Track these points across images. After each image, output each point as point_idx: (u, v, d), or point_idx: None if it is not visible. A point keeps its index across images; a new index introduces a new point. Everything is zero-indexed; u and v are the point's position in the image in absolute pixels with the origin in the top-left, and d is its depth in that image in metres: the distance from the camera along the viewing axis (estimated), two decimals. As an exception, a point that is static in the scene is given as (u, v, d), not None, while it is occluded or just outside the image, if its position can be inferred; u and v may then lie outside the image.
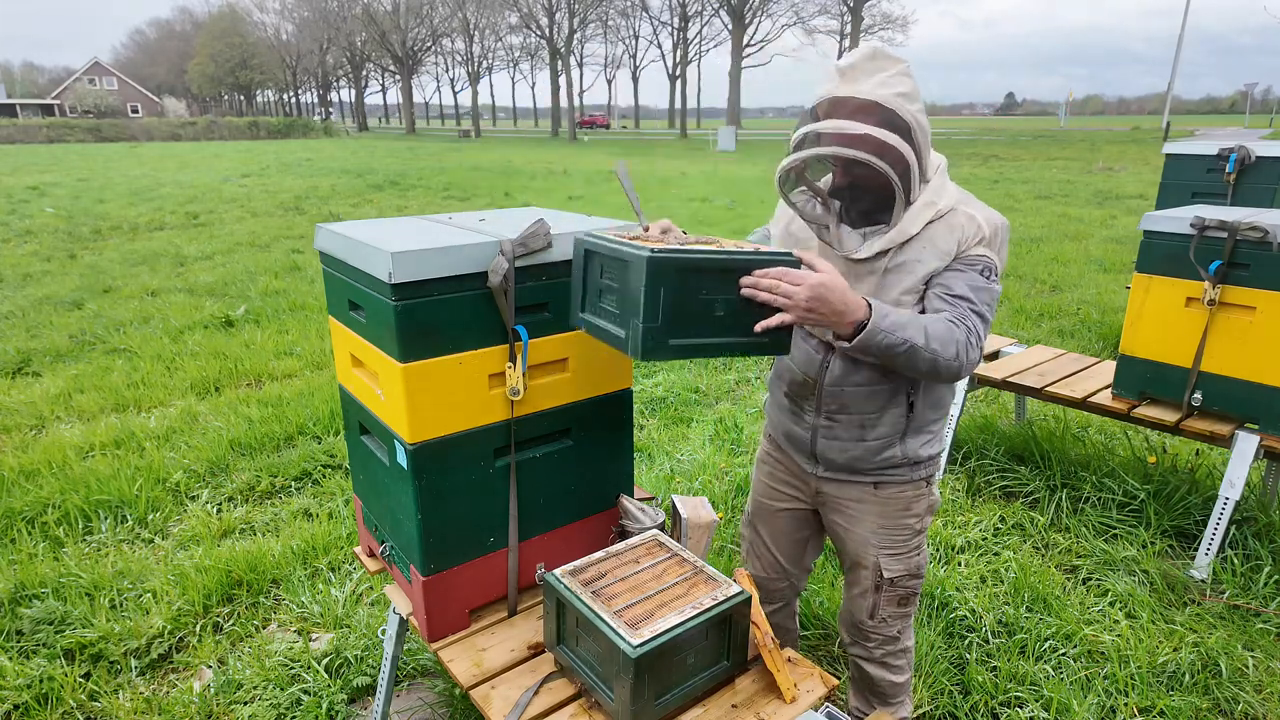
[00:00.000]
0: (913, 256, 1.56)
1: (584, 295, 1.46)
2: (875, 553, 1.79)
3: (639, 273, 1.22)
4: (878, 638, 1.89)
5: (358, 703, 2.37)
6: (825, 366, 1.70)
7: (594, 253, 1.41)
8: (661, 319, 1.25)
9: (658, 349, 1.26)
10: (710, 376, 5.19)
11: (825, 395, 1.71)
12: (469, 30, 65.85)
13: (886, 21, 52.32)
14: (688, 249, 1.28)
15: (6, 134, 41.13)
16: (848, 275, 1.60)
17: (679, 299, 1.26)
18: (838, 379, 1.68)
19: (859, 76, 1.45)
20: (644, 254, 1.22)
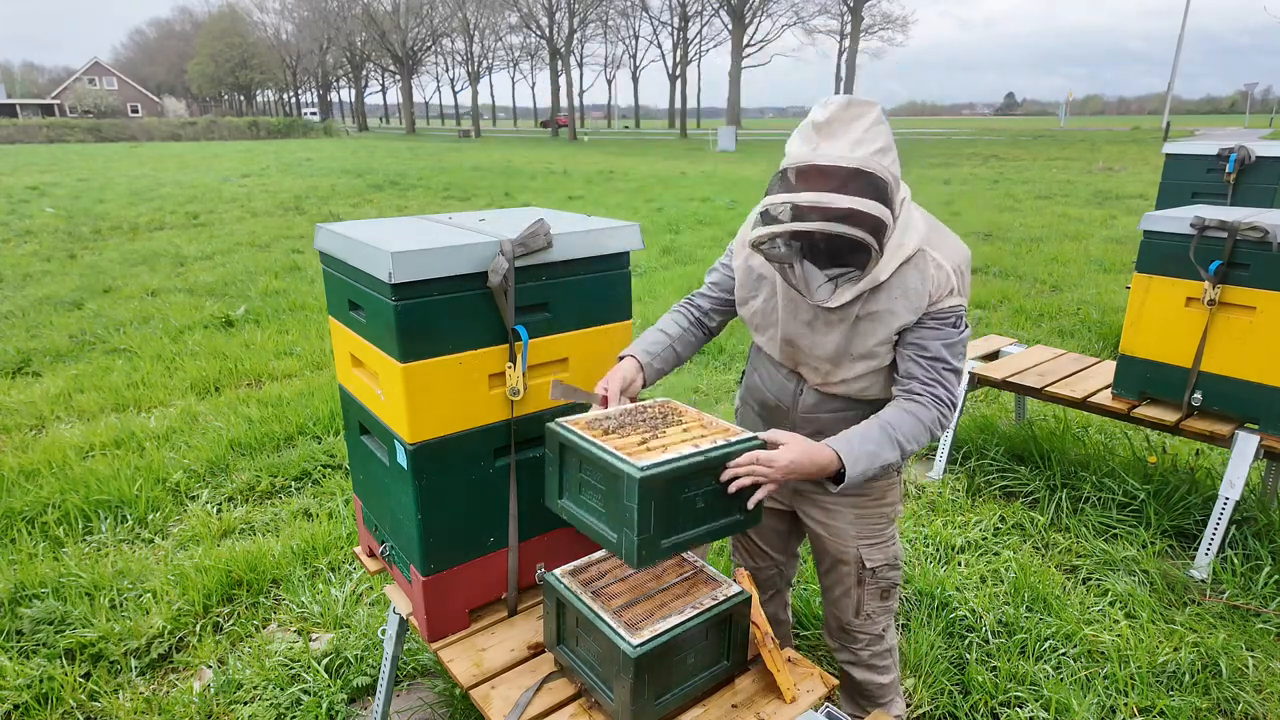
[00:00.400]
0: (884, 306, 1.55)
1: (560, 481, 1.48)
2: (855, 544, 1.80)
3: (631, 490, 1.27)
4: (865, 637, 1.91)
5: (358, 703, 2.37)
6: (798, 395, 1.73)
7: (569, 448, 1.44)
8: (653, 528, 1.31)
9: (651, 556, 1.33)
10: (710, 376, 5.19)
11: (799, 420, 1.74)
12: (469, 30, 65.84)
13: (886, 21, 52.33)
14: (672, 460, 1.32)
15: (6, 134, 41.12)
16: (814, 321, 1.62)
17: (666, 505, 1.32)
18: (811, 407, 1.72)
19: (836, 131, 1.39)
20: (635, 473, 1.26)
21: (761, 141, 41.87)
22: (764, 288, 1.71)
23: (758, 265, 1.70)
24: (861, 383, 1.65)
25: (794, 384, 1.74)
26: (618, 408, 1.57)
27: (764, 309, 1.71)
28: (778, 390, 1.77)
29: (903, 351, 1.59)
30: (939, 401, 1.55)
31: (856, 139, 1.39)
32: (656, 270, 8.40)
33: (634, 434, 1.44)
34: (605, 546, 1.37)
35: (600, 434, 1.43)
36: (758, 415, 1.87)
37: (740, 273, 1.75)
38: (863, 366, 1.62)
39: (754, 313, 1.74)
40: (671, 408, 1.60)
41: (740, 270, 1.74)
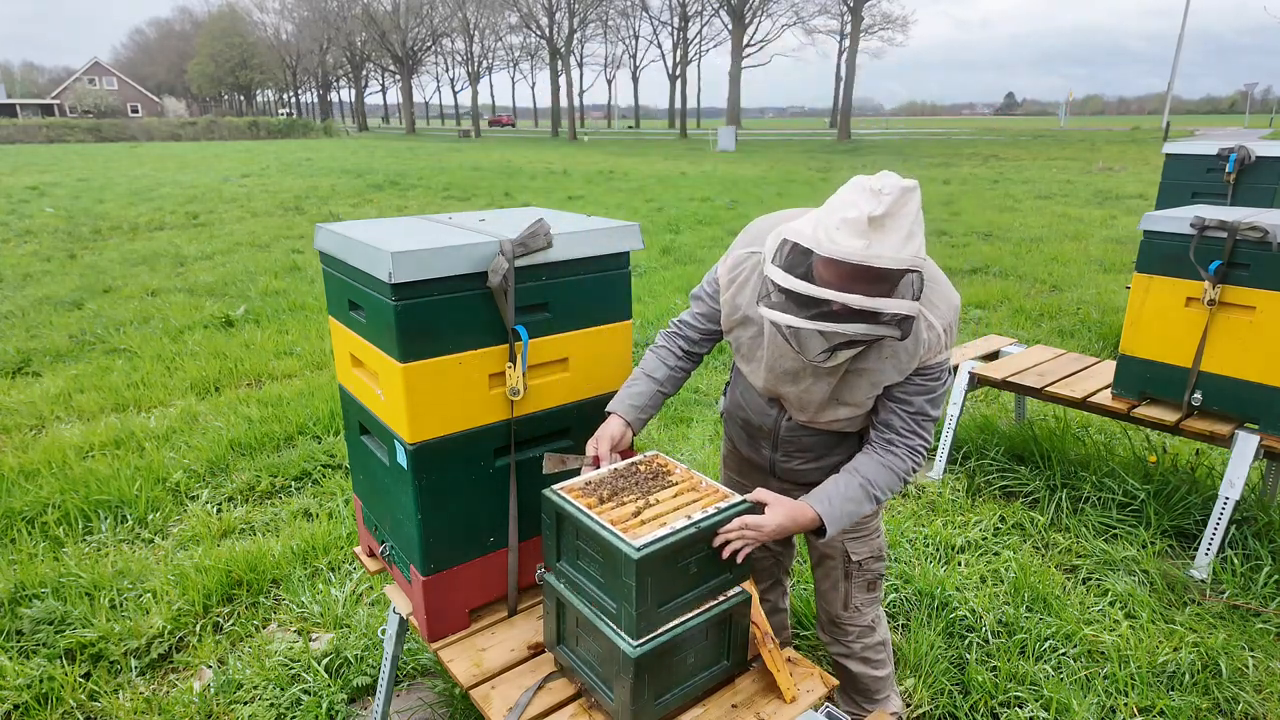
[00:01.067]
0: (874, 365, 1.56)
1: (558, 546, 1.50)
2: (840, 539, 1.86)
3: (629, 569, 1.30)
4: (854, 629, 1.95)
5: (358, 703, 2.37)
6: (780, 421, 1.76)
7: (565, 518, 1.46)
8: (650, 600, 1.34)
9: (650, 627, 1.36)
10: (710, 376, 5.19)
11: (781, 441, 1.78)
12: (469, 30, 65.84)
13: (886, 21, 52.31)
14: (667, 536, 1.34)
15: (6, 134, 41.13)
16: (801, 373, 1.61)
17: (662, 577, 1.36)
18: (792, 431, 1.75)
19: (888, 225, 1.30)
20: (633, 554, 1.29)
21: (761, 141, 41.88)
22: (750, 328, 1.69)
23: (744, 303, 1.66)
24: (842, 423, 1.69)
25: (776, 412, 1.76)
26: (608, 467, 1.60)
27: (750, 344, 1.70)
28: (759, 414, 1.79)
29: (884, 401, 1.61)
30: (914, 452, 1.61)
31: (908, 232, 1.32)
32: (656, 270, 8.40)
33: (628, 500, 1.47)
34: (603, 614, 1.40)
35: (594, 502, 1.46)
36: (741, 430, 1.89)
37: (726, 307, 1.71)
38: (846, 412, 1.64)
39: (740, 343, 1.73)
40: (660, 464, 1.63)
41: (726, 305, 1.71)
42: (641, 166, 23.61)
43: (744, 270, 1.65)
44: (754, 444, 1.86)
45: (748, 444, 1.88)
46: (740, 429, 1.89)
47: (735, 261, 1.67)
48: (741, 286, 1.65)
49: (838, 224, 1.32)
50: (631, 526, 1.37)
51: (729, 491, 1.50)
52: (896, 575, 2.85)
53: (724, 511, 1.44)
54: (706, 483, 1.55)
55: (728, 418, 1.96)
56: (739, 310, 1.67)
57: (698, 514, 1.41)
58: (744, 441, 1.89)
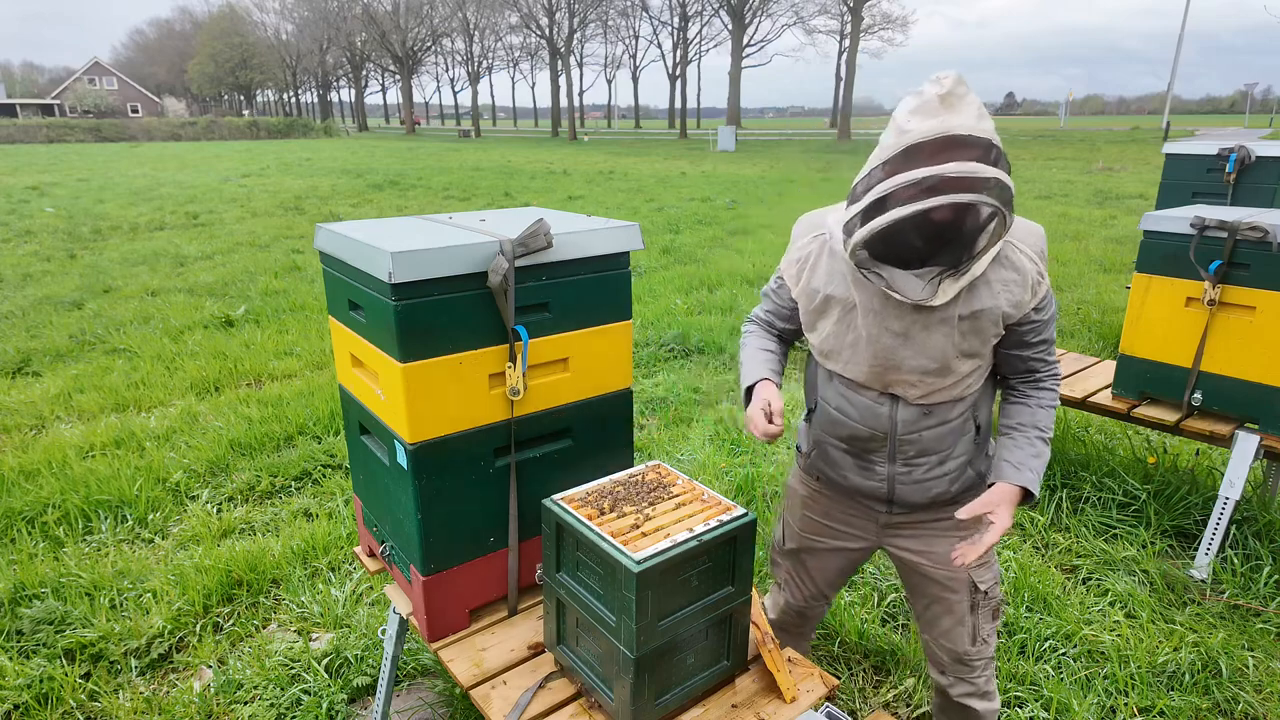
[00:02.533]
0: (987, 304, 1.47)
1: (558, 556, 1.50)
2: (966, 569, 1.69)
3: (629, 582, 1.30)
4: (981, 662, 1.77)
5: (358, 703, 2.37)
6: (894, 418, 1.57)
7: (566, 529, 1.46)
8: (650, 614, 1.33)
9: (650, 641, 1.35)
10: (710, 376, 5.19)
11: (899, 444, 1.59)
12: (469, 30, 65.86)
13: (886, 21, 52.33)
14: (668, 550, 1.34)
15: (6, 134, 41.12)
16: (911, 329, 1.48)
17: (662, 591, 1.35)
18: (910, 425, 1.57)
19: (957, 105, 1.28)
20: (633, 567, 1.29)
21: (761, 141, 41.86)
22: (833, 309, 1.55)
23: (821, 284, 1.55)
24: (966, 382, 1.55)
25: (888, 405, 1.57)
26: (609, 478, 1.59)
27: (838, 331, 1.56)
28: (869, 417, 1.59)
29: (1013, 343, 1.54)
30: (1057, 379, 1.60)
31: (978, 110, 1.30)
32: (656, 270, 8.40)
33: (629, 512, 1.46)
34: (602, 627, 1.40)
35: (595, 514, 1.45)
36: (845, 453, 1.67)
37: (802, 298, 1.60)
38: (969, 366, 1.52)
39: (825, 337, 1.59)
40: (662, 474, 1.61)
41: (802, 295, 1.60)
42: (641, 166, 23.61)
43: (810, 254, 1.58)
44: (865, 465, 1.65)
45: (857, 469, 1.66)
46: (844, 453, 1.67)
47: (799, 250, 1.61)
48: (814, 269, 1.57)
49: (908, 117, 1.29)
50: (632, 539, 1.37)
51: (731, 504, 1.48)
52: (896, 576, 2.85)
53: (726, 525, 1.42)
54: (709, 494, 1.54)
55: (819, 450, 1.73)
56: (818, 293, 1.56)
57: (699, 526, 1.40)
58: (852, 468, 1.67)
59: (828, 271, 1.55)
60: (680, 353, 5.64)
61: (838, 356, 1.59)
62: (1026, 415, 1.58)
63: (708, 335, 5.90)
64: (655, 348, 5.70)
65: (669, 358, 5.57)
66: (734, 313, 6.62)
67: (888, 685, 2.39)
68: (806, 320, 1.63)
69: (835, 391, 1.63)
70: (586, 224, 1.75)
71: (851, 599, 2.74)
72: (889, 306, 1.47)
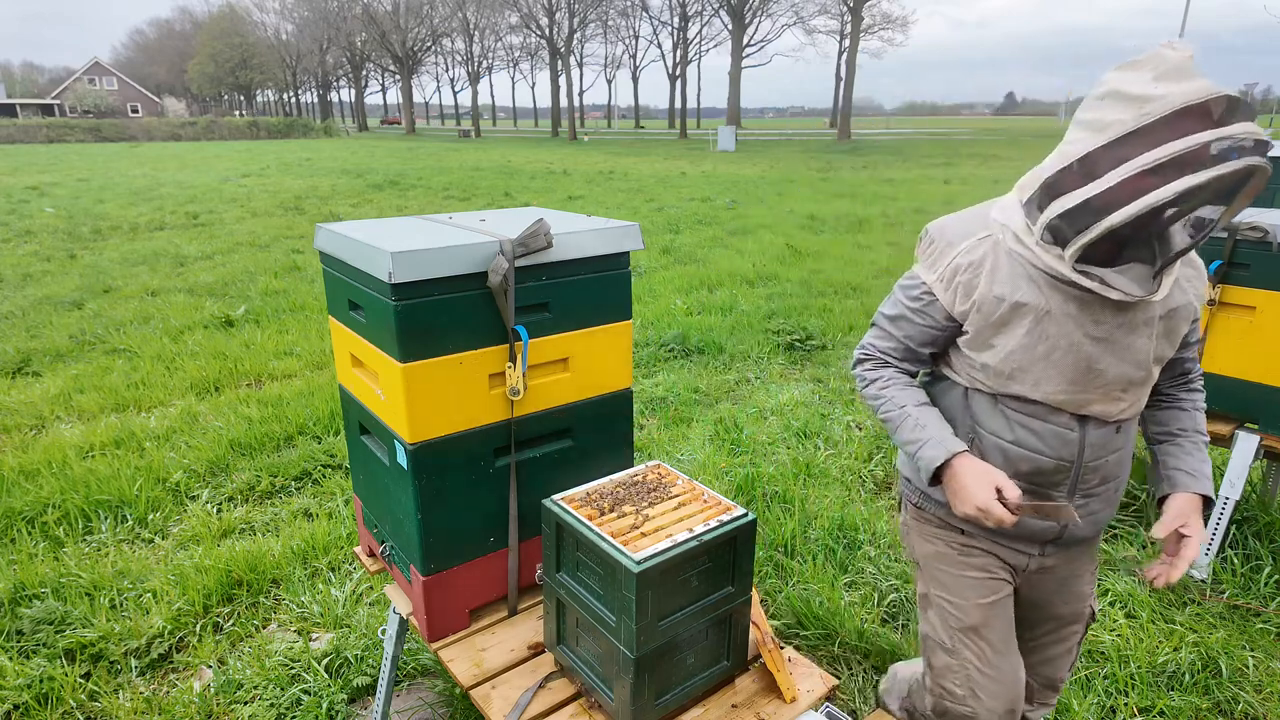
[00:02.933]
0: (1177, 302, 1.37)
1: (558, 556, 1.50)
2: (1089, 599, 1.64)
3: (629, 583, 1.29)
4: (1063, 685, 1.74)
5: (358, 703, 2.37)
6: (1084, 443, 1.40)
7: (566, 529, 1.45)
8: (650, 614, 1.33)
9: (650, 641, 1.35)
10: (710, 376, 5.19)
11: (1083, 473, 1.43)
12: (469, 30, 65.87)
13: (886, 21, 52.34)
14: (668, 550, 1.34)
15: (6, 134, 41.13)
16: (1115, 333, 1.33)
17: (662, 591, 1.35)
18: (1099, 449, 1.41)
19: (1196, 73, 1.14)
20: (633, 568, 1.29)
21: (761, 141, 41.86)
22: (1022, 318, 1.34)
23: (1006, 290, 1.33)
24: (1146, 394, 1.43)
25: (1078, 429, 1.40)
26: (609, 478, 1.59)
27: (1027, 344, 1.35)
28: (1057, 445, 1.40)
29: (1181, 342, 1.46)
30: (1201, 376, 1.53)
31: None
32: (656, 270, 8.40)
33: (629, 512, 1.46)
34: (602, 627, 1.40)
35: (595, 514, 1.45)
36: (1025, 492, 1.45)
37: (978, 310, 1.37)
38: (1157, 371, 1.41)
39: (1008, 354, 1.37)
40: (662, 474, 1.61)
41: (978, 307, 1.36)
42: (641, 166, 23.61)
43: (979, 258, 1.36)
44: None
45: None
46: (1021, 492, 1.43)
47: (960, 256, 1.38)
48: (992, 274, 1.35)
49: (1152, 84, 1.12)
50: (632, 539, 1.37)
51: (731, 504, 1.48)
52: (896, 575, 2.85)
53: (726, 525, 1.42)
54: (709, 494, 1.54)
55: None
56: (1002, 302, 1.34)
57: (699, 527, 1.41)
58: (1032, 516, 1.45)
59: (1010, 275, 1.34)
60: (680, 353, 5.64)
61: (1023, 375, 1.37)
62: (1188, 420, 1.50)
63: (708, 335, 5.90)
64: (655, 348, 5.70)
65: (669, 358, 5.58)
66: (734, 313, 6.62)
67: (888, 685, 2.39)
68: (978, 337, 1.40)
69: (1009, 420, 1.42)
70: (586, 224, 1.75)
71: (851, 599, 2.74)
72: (1086, 310, 1.31)
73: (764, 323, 6.33)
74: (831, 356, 5.58)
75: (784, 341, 5.81)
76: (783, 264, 8.63)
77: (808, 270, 8.28)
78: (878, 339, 1.54)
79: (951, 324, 1.43)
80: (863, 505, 3.40)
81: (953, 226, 1.43)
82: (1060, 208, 1.21)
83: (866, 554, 3.00)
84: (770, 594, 2.77)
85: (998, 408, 1.43)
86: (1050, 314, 1.32)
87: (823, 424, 4.30)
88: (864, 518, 3.23)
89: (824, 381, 5.07)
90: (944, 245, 1.41)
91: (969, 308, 1.38)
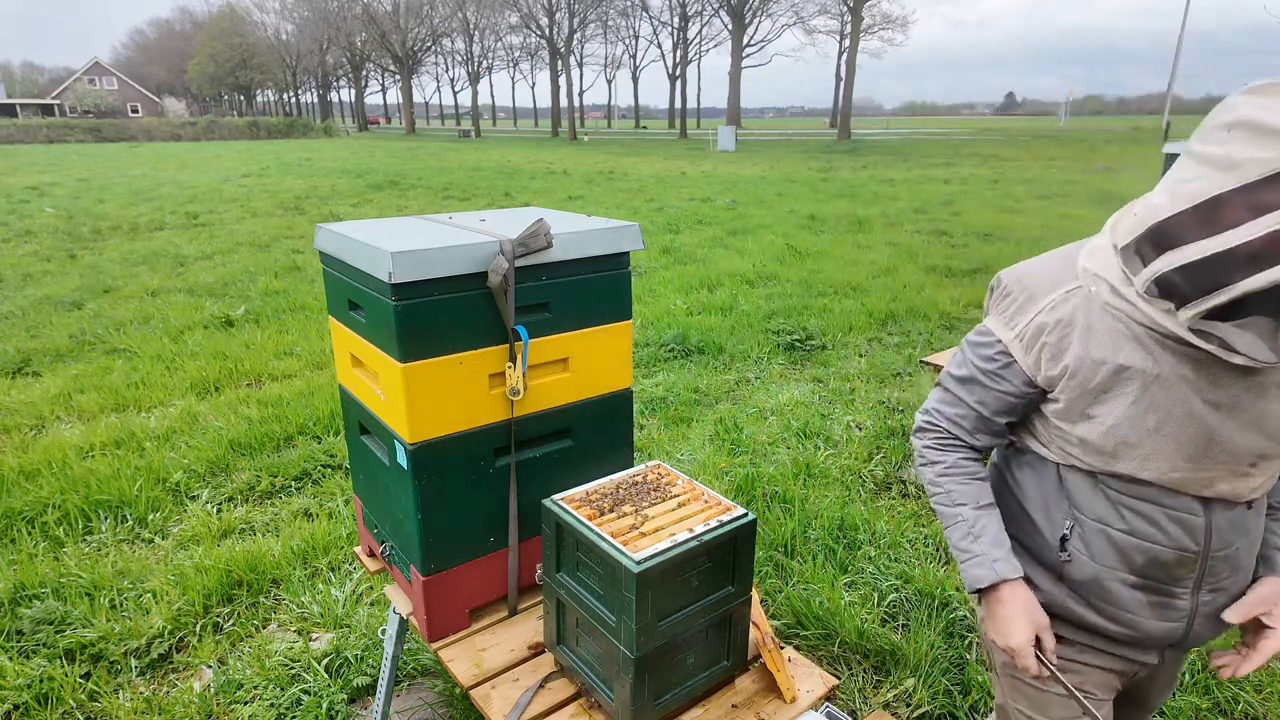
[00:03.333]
0: None
1: (558, 557, 1.50)
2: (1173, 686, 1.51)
3: (629, 583, 1.29)
4: None
5: (358, 703, 2.37)
6: (1210, 528, 1.19)
7: (566, 529, 1.46)
8: (650, 614, 1.33)
9: (650, 641, 1.35)
10: (710, 376, 5.19)
11: (1211, 564, 1.21)
12: (469, 30, 65.89)
13: (886, 21, 52.37)
14: (668, 550, 1.33)
15: (6, 134, 41.15)
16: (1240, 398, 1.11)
17: (662, 591, 1.35)
18: (1228, 534, 1.20)
19: None
20: (633, 568, 1.29)
21: (761, 141, 41.87)
22: (1127, 385, 1.13)
23: (1106, 353, 1.13)
24: None
25: (1202, 514, 1.18)
26: (609, 478, 1.59)
27: (1134, 415, 1.14)
28: (1177, 534, 1.18)
29: None
30: None
31: None
32: (656, 270, 8.40)
33: (629, 512, 1.47)
34: (602, 627, 1.40)
35: (595, 514, 1.45)
36: (1136, 589, 1.23)
37: (1079, 369, 1.16)
38: None
39: (1110, 427, 1.15)
40: (662, 474, 1.61)
41: (1078, 365, 1.15)
42: (641, 166, 23.61)
43: (1068, 315, 1.16)
44: (1164, 601, 1.23)
45: (1151, 608, 1.24)
46: (1134, 589, 1.23)
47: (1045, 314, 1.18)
48: (1087, 333, 1.15)
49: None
50: (632, 539, 1.37)
51: (731, 504, 1.48)
52: (896, 575, 2.85)
53: (726, 525, 1.42)
54: (709, 494, 1.54)
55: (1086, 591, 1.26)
56: (1102, 365, 1.14)
57: (699, 527, 1.41)
58: (1143, 607, 1.24)
59: (1108, 333, 1.14)
60: (680, 353, 5.64)
61: (1130, 452, 1.16)
62: None
63: (708, 335, 5.90)
64: (655, 348, 5.71)
65: (669, 358, 5.58)
66: (734, 313, 6.62)
67: (888, 685, 2.39)
68: (1072, 407, 1.19)
69: (1115, 504, 1.20)
70: (586, 224, 1.75)
71: (851, 599, 2.74)
72: (1203, 372, 1.10)
73: (764, 323, 6.33)
74: (831, 356, 5.58)
75: (784, 341, 5.81)
76: (783, 264, 8.64)
77: (808, 270, 8.28)
78: (944, 404, 1.33)
79: (1033, 391, 1.24)
80: (863, 505, 3.40)
81: (1034, 276, 1.22)
82: (1176, 261, 1.01)
83: (866, 554, 3.00)
84: (770, 594, 2.77)
85: (1099, 488, 1.21)
86: (1160, 379, 1.12)
87: (823, 424, 4.30)
88: (864, 518, 3.23)
89: (824, 381, 5.07)
90: (1024, 299, 1.21)
91: (1059, 374, 1.18)
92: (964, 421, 1.31)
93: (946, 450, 1.33)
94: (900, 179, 18.90)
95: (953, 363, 1.33)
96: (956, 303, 6.83)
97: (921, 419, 1.38)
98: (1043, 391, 1.23)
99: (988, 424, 1.30)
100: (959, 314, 6.59)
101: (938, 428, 1.34)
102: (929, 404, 1.37)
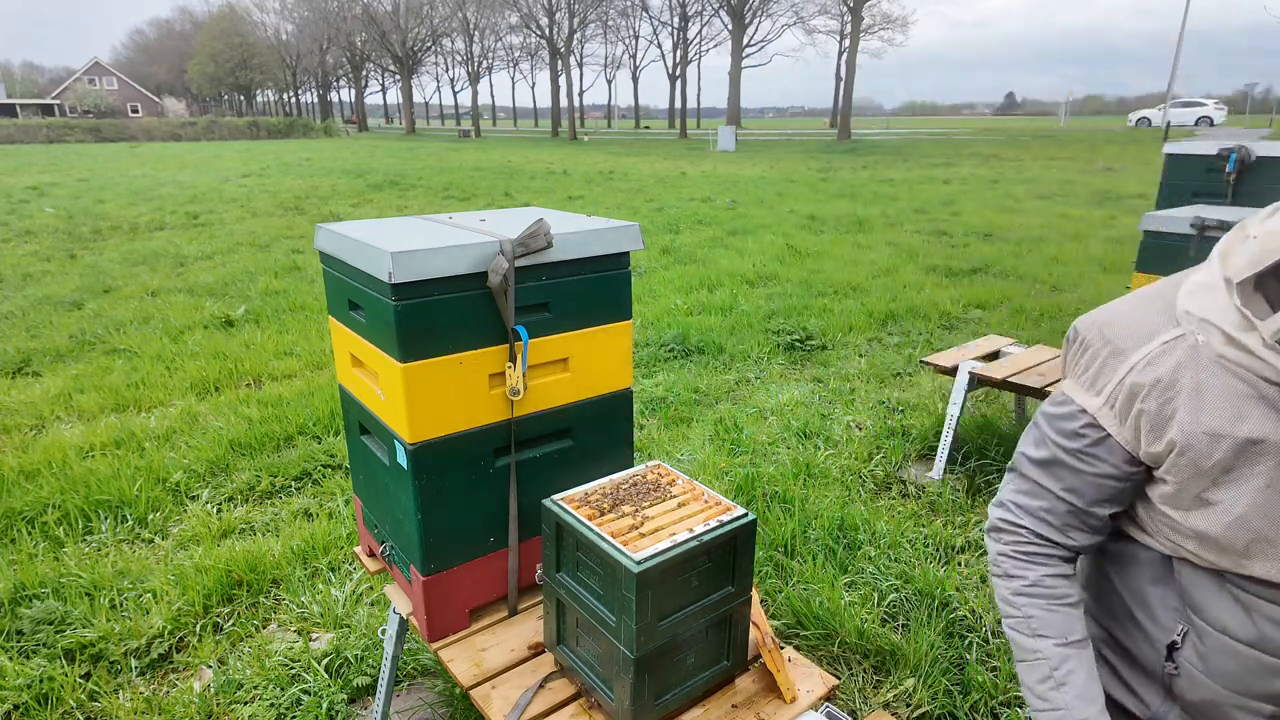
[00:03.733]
0: None
1: (558, 556, 1.50)
2: None
3: (629, 583, 1.29)
4: None
5: (358, 703, 2.37)
6: None
7: (565, 529, 1.46)
8: (650, 614, 1.33)
9: (650, 641, 1.35)
10: (710, 376, 5.19)
11: None
12: (469, 30, 65.88)
13: (886, 21, 52.34)
14: (668, 550, 1.34)
15: (6, 134, 41.13)
16: None
17: (662, 591, 1.35)
18: None
19: None
20: (633, 568, 1.29)
21: (761, 141, 41.86)
22: (1257, 462, 0.88)
23: (1225, 424, 0.89)
24: None
25: None
26: (609, 478, 1.59)
27: (1271, 502, 0.88)
28: None
29: None
30: None
31: None
32: (656, 270, 8.40)
33: (628, 512, 1.47)
34: (602, 627, 1.40)
35: (595, 514, 1.45)
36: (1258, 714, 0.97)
37: (1189, 445, 0.90)
38: None
39: (1238, 519, 0.90)
40: (662, 474, 1.61)
41: (1187, 439, 0.90)
42: (641, 166, 23.61)
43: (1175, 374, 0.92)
44: None
45: None
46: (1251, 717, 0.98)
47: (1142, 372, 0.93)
48: (1196, 399, 0.90)
49: None
50: (632, 539, 1.37)
51: (731, 504, 1.48)
52: (896, 575, 2.85)
53: (727, 525, 1.42)
54: (709, 494, 1.54)
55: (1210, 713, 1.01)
56: (1222, 440, 0.89)
57: (699, 527, 1.41)
58: None
59: (1228, 396, 0.89)
60: (680, 353, 5.64)
61: (1267, 550, 0.90)
62: None
63: (708, 335, 5.90)
64: (655, 348, 5.70)
65: (669, 358, 5.58)
66: (734, 313, 6.62)
67: (888, 685, 2.39)
68: (1184, 492, 0.94)
69: (1246, 610, 0.93)
70: (586, 224, 1.75)
71: (851, 599, 2.74)
72: None
73: (764, 323, 6.33)
74: (831, 356, 5.58)
75: (784, 341, 5.81)
76: (783, 264, 8.63)
77: (808, 270, 8.28)
78: (1023, 494, 1.05)
79: (1137, 470, 0.97)
80: (863, 505, 3.40)
81: (1119, 324, 0.97)
82: None
83: (866, 554, 3.00)
84: (770, 594, 2.77)
85: (1226, 590, 0.95)
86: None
87: (823, 424, 4.30)
88: (864, 518, 3.23)
89: (824, 381, 5.07)
90: (1107, 353, 0.96)
91: (1164, 449, 0.93)
92: (1051, 517, 1.03)
93: (1031, 562, 1.05)
94: (900, 179, 18.90)
95: (1027, 440, 1.05)
96: (956, 303, 6.83)
97: (996, 515, 1.09)
98: (1149, 469, 0.97)
99: (1083, 518, 1.02)
100: (959, 314, 6.59)
101: (1018, 528, 1.06)
102: (1003, 494, 1.09)
